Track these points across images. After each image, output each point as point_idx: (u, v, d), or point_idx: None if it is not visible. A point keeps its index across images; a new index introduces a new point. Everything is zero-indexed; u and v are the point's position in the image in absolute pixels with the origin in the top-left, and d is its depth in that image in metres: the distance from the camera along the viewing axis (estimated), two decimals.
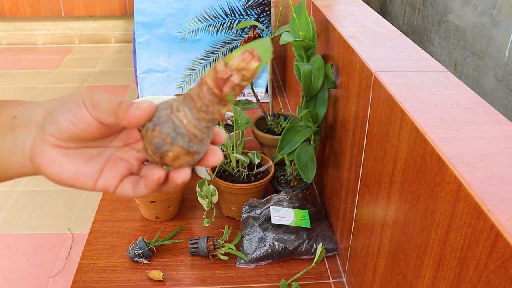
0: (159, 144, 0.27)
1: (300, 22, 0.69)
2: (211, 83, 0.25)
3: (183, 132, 0.26)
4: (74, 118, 0.28)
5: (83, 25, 3.28)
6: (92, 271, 0.69)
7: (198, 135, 0.27)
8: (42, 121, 0.28)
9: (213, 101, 0.26)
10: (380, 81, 0.50)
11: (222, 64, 0.25)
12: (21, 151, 0.28)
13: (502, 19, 0.80)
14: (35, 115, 0.29)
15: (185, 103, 0.27)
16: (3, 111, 0.29)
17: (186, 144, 0.27)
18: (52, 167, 0.28)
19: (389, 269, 0.50)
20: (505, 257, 0.29)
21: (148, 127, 0.27)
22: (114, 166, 0.30)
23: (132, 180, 0.30)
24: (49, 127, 0.28)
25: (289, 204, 0.74)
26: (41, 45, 3.26)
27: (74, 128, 0.28)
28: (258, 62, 0.25)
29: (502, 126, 0.41)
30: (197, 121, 0.26)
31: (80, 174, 0.29)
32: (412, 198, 0.43)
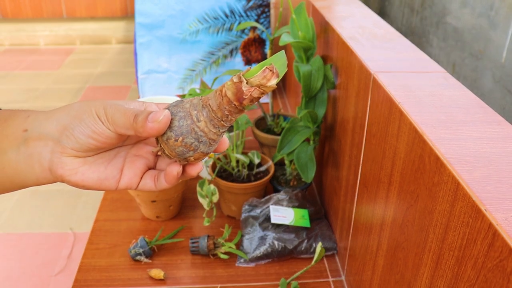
0: (182, 152, 0.29)
1: (299, 23, 0.70)
2: (231, 96, 0.27)
3: (205, 140, 0.29)
4: (94, 134, 0.29)
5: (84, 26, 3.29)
6: (93, 270, 0.70)
7: (216, 139, 0.30)
8: (59, 136, 0.29)
9: (232, 112, 0.28)
10: (379, 81, 0.50)
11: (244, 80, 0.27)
12: (38, 164, 0.29)
13: (499, 21, 0.81)
14: (48, 129, 0.29)
15: (205, 113, 0.28)
16: (13, 124, 0.30)
17: (207, 148, 0.29)
18: (75, 176, 0.29)
19: (388, 268, 0.50)
20: (503, 256, 0.29)
21: (169, 136, 0.29)
22: (133, 165, 0.32)
23: (152, 175, 0.32)
24: (68, 141, 0.29)
25: (289, 204, 0.74)
26: (43, 46, 3.27)
27: (95, 142, 0.29)
28: (277, 78, 0.27)
29: (500, 126, 0.41)
30: (216, 128, 0.29)
31: (103, 178, 0.30)
32: (411, 197, 0.43)
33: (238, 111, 0.28)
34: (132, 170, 0.31)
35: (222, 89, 0.28)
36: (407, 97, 0.46)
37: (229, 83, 0.27)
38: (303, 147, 0.73)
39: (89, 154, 0.30)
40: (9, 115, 0.31)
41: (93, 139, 0.29)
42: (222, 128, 0.29)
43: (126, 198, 0.86)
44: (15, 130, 0.29)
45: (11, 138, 0.29)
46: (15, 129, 0.30)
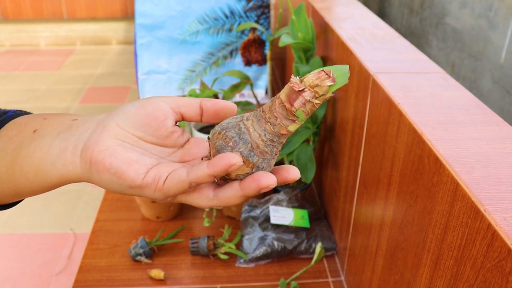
0: (221, 146, 0.26)
1: (299, 24, 0.70)
2: (283, 97, 0.25)
3: (246, 138, 0.26)
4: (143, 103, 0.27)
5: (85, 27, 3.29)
6: (93, 270, 0.70)
7: (260, 146, 0.26)
8: (104, 117, 0.28)
9: (282, 115, 0.25)
10: (379, 82, 0.50)
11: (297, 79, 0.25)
12: (73, 146, 0.27)
13: (498, 21, 0.81)
14: (97, 117, 0.28)
15: (256, 114, 0.27)
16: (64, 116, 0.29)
17: (247, 152, 0.26)
18: (105, 152, 0.26)
19: (387, 268, 0.50)
20: (502, 256, 0.29)
21: (215, 130, 0.27)
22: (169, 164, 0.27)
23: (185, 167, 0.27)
24: (114, 117, 0.27)
25: (289, 204, 0.75)
26: (43, 46, 3.27)
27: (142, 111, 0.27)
28: (332, 82, 0.25)
29: (499, 127, 0.41)
30: (262, 131, 0.26)
31: (134, 160, 0.26)
32: (410, 198, 0.43)
33: (287, 114, 0.25)
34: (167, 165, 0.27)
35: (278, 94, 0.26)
36: (407, 98, 0.46)
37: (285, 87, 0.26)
38: (303, 148, 0.73)
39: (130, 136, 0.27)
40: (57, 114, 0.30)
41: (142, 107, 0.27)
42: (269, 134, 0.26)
43: (126, 198, 0.86)
44: (64, 120, 0.28)
45: (56, 126, 0.28)
46: (64, 119, 0.29)
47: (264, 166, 0.27)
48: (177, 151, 0.29)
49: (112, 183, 0.26)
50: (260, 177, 0.25)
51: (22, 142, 0.28)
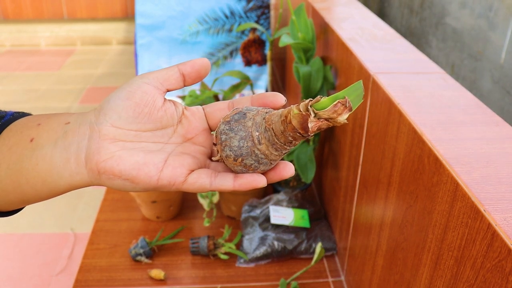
0: (241, 170, 0.27)
1: (299, 25, 0.70)
2: (297, 125, 0.25)
3: (265, 162, 0.27)
4: (128, 93, 0.27)
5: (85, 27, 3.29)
6: (94, 270, 0.70)
7: (277, 159, 0.28)
8: (96, 118, 0.27)
9: (297, 138, 0.26)
10: (379, 82, 0.50)
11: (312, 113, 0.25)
12: (75, 156, 0.27)
13: (498, 22, 0.81)
14: (88, 117, 0.28)
15: (267, 136, 0.27)
16: (55, 120, 0.29)
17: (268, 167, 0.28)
18: (111, 160, 0.26)
19: (387, 268, 0.50)
20: (501, 256, 0.29)
21: (228, 155, 0.27)
22: (179, 157, 0.27)
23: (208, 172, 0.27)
24: (105, 117, 0.27)
25: (289, 204, 0.75)
26: (44, 47, 3.27)
27: (131, 102, 0.27)
28: (349, 112, 0.25)
29: (499, 127, 0.41)
30: (279, 151, 0.27)
31: (142, 163, 0.26)
32: (410, 198, 0.43)
33: (303, 137, 0.26)
34: (178, 161, 0.27)
35: (287, 116, 0.26)
36: (407, 98, 0.46)
37: (295, 111, 0.25)
38: (303, 148, 0.73)
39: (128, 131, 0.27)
40: (53, 114, 0.30)
41: (128, 98, 0.27)
42: (284, 150, 0.27)
43: (126, 198, 0.86)
44: (57, 124, 0.28)
45: (51, 133, 0.28)
46: (57, 123, 0.28)
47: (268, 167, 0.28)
48: (177, 128, 0.29)
49: (125, 186, 0.27)
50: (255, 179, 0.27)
51: (22, 153, 0.28)
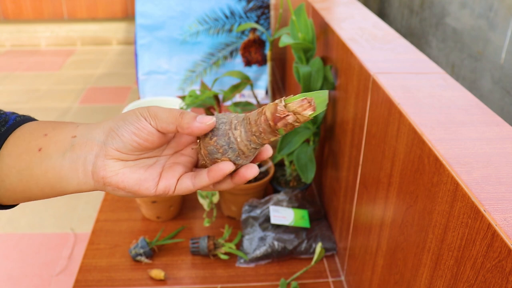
0: (212, 151, 0.31)
1: (299, 25, 0.70)
2: (269, 116, 0.29)
3: (234, 148, 0.30)
4: (136, 130, 0.30)
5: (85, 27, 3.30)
6: (94, 270, 0.70)
7: (246, 153, 0.31)
8: (104, 139, 0.31)
9: (266, 130, 0.30)
10: (379, 83, 0.50)
11: (283, 103, 0.29)
12: (83, 168, 0.30)
13: (498, 22, 0.81)
14: (95, 134, 0.31)
15: (243, 124, 0.30)
16: (62, 132, 0.32)
17: (234, 157, 0.31)
18: (116, 177, 0.30)
19: (387, 268, 0.50)
20: (502, 256, 0.29)
21: (207, 134, 0.31)
22: (171, 169, 0.32)
23: (189, 175, 0.32)
24: (113, 141, 0.30)
25: (289, 204, 0.75)
26: (44, 47, 3.27)
27: (137, 138, 0.31)
28: (312, 111, 0.28)
29: (499, 127, 0.41)
30: (248, 142, 0.30)
31: (142, 179, 0.31)
32: (410, 198, 0.43)
33: (271, 131, 0.30)
34: (170, 173, 0.32)
35: (263, 108, 0.30)
36: (407, 98, 0.46)
37: (270, 103, 0.30)
38: (303, 148, 0.73)
39: (130, 157, 0.31)
40: (58, 124, 0.32)
41: (135, 135, 0.30)
42: (254, 143, 0.30)
43: (126, 198, 0.86)
44: (64, 137, 0.31)
45: (59, 144, 0.31)
46: (64, 136, 0.31)
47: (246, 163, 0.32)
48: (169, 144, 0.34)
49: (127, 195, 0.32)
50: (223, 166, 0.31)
51: (32, 161, 0.31)
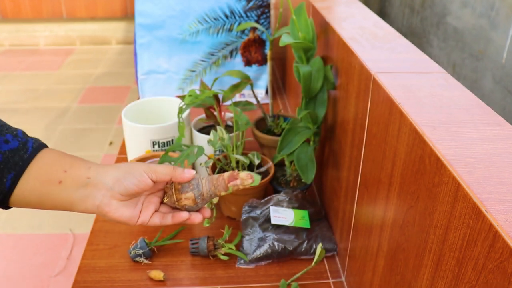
0: (185, 186, 0.46)
1: (299, 24, 0.70)
2: (226, 177, 0.46)
3: (199, 189, 0.47)
4: (138, 182, 0.43)
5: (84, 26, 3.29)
6: (93, 271, 0.69)
7: (204, 195, 0.47)
8: (112, 185, 0.43)
9: (221, 185, 0.46)
10: (379, 82, 0.50)
11: (236, 172, 0.46)
12: (91, 202, 0.42)
13: (500, 21, 0.81)
14: (106, 179, 0.43)
15: (208, 178, 0.47)
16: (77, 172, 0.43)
17: (197, 195, 0.47)
18: (116, 213, 0.43)
19: (388, 269, 0.50)
20: (503, 257, 0.29)
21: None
22: (147, 208, 0.46)
23: (158, 215, 0.47)
24: (119, 188, 0.43)
25: (289, 205, 0.74)
26: (43, 46, 3.27)
27: (137, 189, 0.44)
28: (252, 183, 0.46)
29: (500, 127, 0.41)
30: (208, 189, 0.47)
31: (131, 216, 0.45)
32: (411, 198, 0.43)
33: (224, 187, 0.46)
34: (147, 212, 0.46)
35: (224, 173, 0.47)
36: (407, 98, 0.46)
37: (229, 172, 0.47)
38: (303, 148, 0.73)
39: (127, 198, 0.44)
40: (74, 162, 0.43)
41: (137, 186, 0.43)
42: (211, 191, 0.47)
43: None
44: (80, 176, 0.42)
45: (75, 180, 0.42)
46: (80, 175, 0.42)
47: (200, 206, 0.48)
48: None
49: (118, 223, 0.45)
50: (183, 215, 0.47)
51: (51, 188, 0.42)
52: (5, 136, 0.41)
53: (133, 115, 0.91)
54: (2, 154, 0.40)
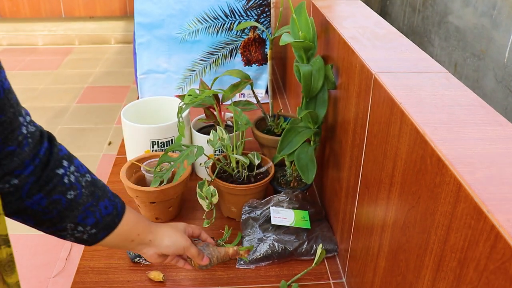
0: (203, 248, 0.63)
1: (300, 23, 0.69)
2: (230, 252, 0.64)
3: (212, 253, 0.63)
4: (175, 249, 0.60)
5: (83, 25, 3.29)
6: (92, 272, 0.69)
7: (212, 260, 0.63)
8: (161, 248, 0.58)
9: (225, 257, 0.64)
10: (380, 82, 0.50)
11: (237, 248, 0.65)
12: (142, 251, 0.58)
13: (502, 20, 0.80)
14: (160, 244, 0.58)
15: (217, 250, 0.64)
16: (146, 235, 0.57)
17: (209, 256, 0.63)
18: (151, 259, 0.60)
19: (389, 270, 0.50)
20: (505, 258, 0.29)
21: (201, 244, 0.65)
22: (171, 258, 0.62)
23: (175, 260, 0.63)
24: (164, 251, 0.59)
25: (289, 205, 0.74)
26: (41, 46, 3.26)
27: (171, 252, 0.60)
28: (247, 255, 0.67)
29: (502, 127, 0.41)
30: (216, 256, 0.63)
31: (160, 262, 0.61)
32: (412, 199, 0.43)
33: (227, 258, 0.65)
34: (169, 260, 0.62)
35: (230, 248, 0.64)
36: (409, 98, 0.46)
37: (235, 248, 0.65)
38: (304, 148, 0.73)
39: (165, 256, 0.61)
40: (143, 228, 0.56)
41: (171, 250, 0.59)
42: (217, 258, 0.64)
43: (125, 199, 0.85)
44: (146, 238, 0.57)
45: (142, 240, 0.57)
46: (146, 237, 0.57)
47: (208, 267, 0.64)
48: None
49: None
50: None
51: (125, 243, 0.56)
52: (104, 202, 0.51)
53: (132, 115, 0.91)
54: (103, 219, 0.50)
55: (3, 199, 0.43)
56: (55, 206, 0.46)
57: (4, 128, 0.40)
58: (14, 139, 0.41)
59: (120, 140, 1.75)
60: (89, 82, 2.72)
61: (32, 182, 0.44)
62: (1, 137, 0.40)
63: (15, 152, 0.41)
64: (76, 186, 0.47)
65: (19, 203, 0.45)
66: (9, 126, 0.40)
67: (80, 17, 3.30)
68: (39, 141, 0.45)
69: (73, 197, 0.47)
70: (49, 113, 2.32)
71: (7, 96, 0.40)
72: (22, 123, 0.42)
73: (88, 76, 2.80)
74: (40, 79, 2.74)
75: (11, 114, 0.40)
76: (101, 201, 0.50)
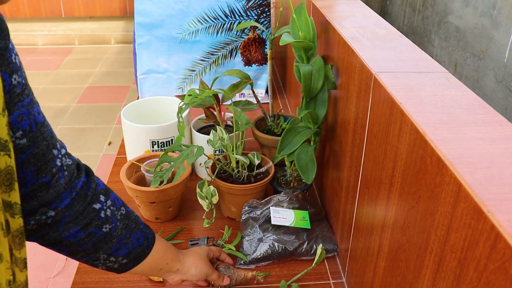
0: (222, 271, 0.66)
1: (300, 23, 0.69)
2: (248, 276, 0.66)
3: (232, 276, 0.66)
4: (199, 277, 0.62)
5: (83, 25, 3.29)
6: (92, 272, 0.69)
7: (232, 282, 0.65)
8: (183, 274, 0.60)
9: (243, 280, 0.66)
10: (380, 82, 0.50)
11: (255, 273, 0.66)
12: (169, 278, 0.60)
13: (502, 20, 0.80)
14: (187, 273, 0.60)
15: (235, 273, 0.66)
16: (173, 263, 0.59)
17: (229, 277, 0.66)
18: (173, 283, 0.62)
19: (389, 270, 0.50)
20: (505, 258, 0.29)
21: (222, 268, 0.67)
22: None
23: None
24: (185, 276, 0.61)
25: (289, 205, 0.74)
26: (41, 45, 3.27)
27: (195, 280, 0.62)
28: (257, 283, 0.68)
29: (502, 127, 0.41)
30: (235, 279, 0.66)
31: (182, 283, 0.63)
32: (412, 199, 0.43)
33: (245, 282, 0.66)
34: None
35: (249, 273, 0.66)
36: (409, 98, 0.46)
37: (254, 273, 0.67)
38: (304, 148, 0.73)
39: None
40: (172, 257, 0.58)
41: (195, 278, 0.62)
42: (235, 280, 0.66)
43: (125, 199, 0.85)
44: (173, 266, 0.59)
45: (170, 269, 0.59)
46: (173, 266, 0.59)
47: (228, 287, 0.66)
48: None
49: None
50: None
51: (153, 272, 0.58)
52: (137, 233, 0.52)
53: (132, 115, 0.91)
54: (135, 250, 0.52)
55: (41, 231, 0.45)
56: (90, 239, 0.48)
57: (37, 160, 0.41)
58: (48, 171, 0.42)
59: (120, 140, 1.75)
60: (89, 82, 2.72)
61: (70, 216, 0.45)
62: (34, 169, 0.41)
63: (50, 183, 0.43)
64: (111, 220, 0.49)
65: (56, 235, 0.46)
66: (42, 158, 0.41)
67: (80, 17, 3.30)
68: (75, 174, 0.46)
69: (108, 230, 0.49)
70: (49, 113, 2.32)
71: (39, 129, 0.41)
72: (57, 156, 0.43)
73: (88, 76, 2.80)
74: (40, 79, 2.74)
75: (44, 146, 0.41)
76: (133, 234, 0.52)
